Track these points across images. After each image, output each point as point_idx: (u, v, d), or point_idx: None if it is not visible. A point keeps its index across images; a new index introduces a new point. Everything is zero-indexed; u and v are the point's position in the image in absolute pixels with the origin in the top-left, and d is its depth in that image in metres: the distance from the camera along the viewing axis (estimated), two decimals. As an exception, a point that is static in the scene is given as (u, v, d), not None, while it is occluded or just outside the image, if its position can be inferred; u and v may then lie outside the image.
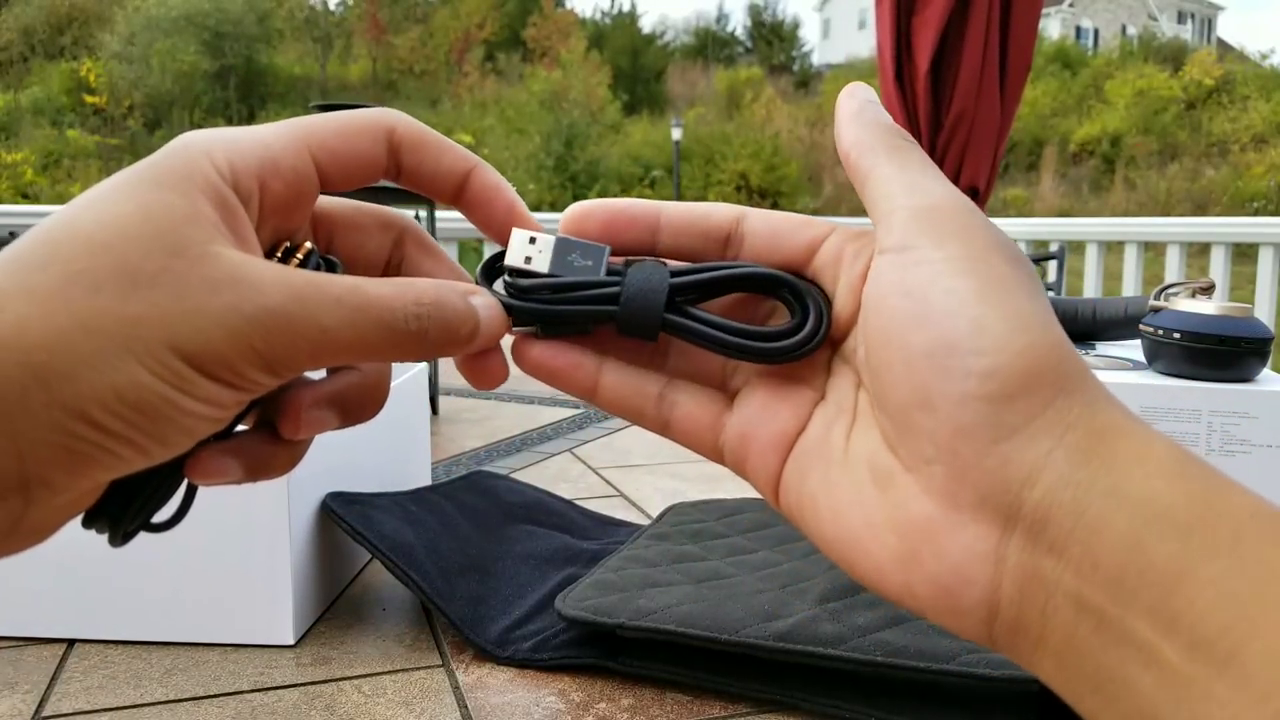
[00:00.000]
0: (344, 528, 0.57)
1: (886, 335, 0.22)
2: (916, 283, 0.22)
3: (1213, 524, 0.18)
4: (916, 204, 0.23)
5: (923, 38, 2.31)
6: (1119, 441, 0.20)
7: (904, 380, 0.22)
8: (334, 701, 0.48)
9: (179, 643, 0.54)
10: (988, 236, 0.22)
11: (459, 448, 1.01)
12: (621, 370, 0.26)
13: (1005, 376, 0.20)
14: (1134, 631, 0.18)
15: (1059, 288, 2.38)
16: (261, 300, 0.21)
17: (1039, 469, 0.20)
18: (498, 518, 0.67)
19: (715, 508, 0.68)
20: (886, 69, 2.40)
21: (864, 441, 0.24)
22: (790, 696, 0.47)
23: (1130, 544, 0.18)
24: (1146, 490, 0.19)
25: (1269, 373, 0.66)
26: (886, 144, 0.25)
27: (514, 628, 0.54)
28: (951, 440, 0.21)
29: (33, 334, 0.20)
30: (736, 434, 0.26)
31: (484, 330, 0.24)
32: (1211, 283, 0.71)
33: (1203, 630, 0.17)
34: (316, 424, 0.25)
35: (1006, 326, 0.21)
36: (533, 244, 0.26)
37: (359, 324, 0.22)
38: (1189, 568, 0.18)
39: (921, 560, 0.21)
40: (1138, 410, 0.66)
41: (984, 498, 0.20)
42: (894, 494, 0.22)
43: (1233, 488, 0.19)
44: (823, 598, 0.50)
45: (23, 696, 0.48)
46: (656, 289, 0.25)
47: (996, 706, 0.45)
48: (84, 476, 0.21)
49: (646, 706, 0.48)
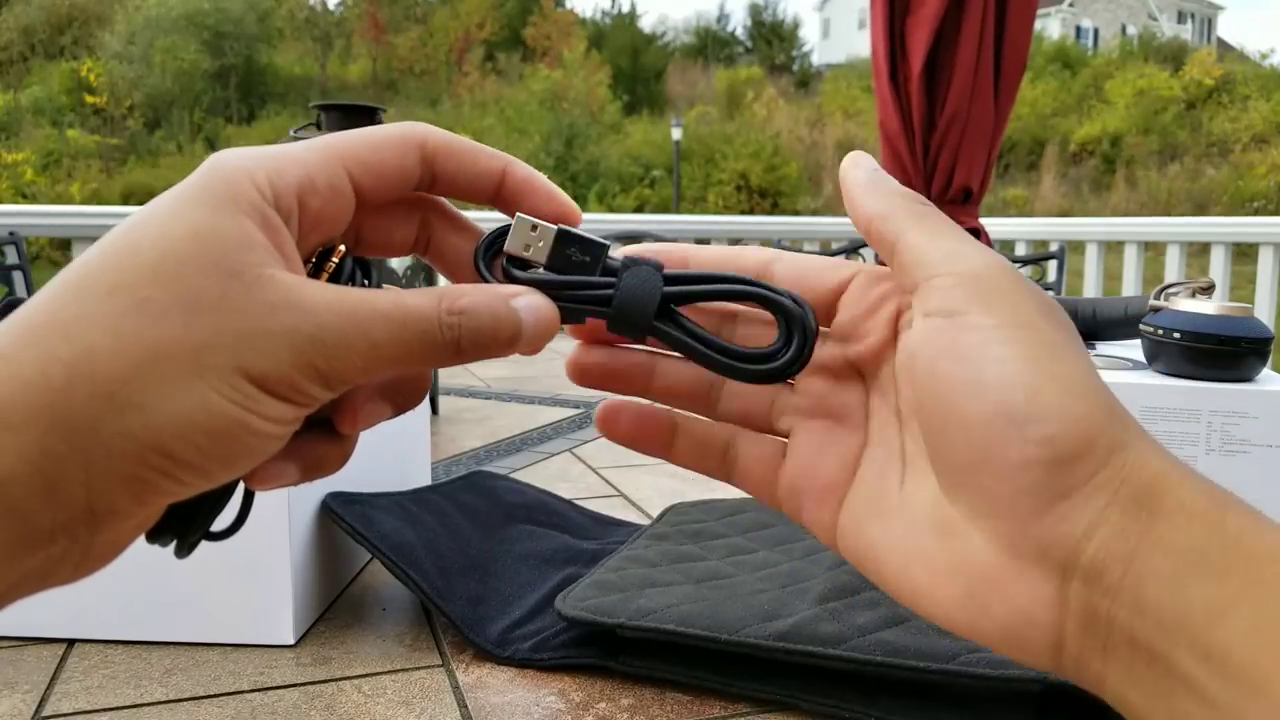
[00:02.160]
0: (344, 528, 0.57)
1: (940, 401, 0.23)
2: (969, 349, 0.23)
3: (1243, 567, 0.20)
4: (959, 270, 0.24)
5: (917, 37, 2.31)
6: (1165, 492, 0.21)
7: (962, 444, 0.22)
8: (334, 701, 0.48)
9: (179, 643, 0.54)
10: (1033, 301, 0.23)
11: (459, 448, 1.01)
12: (692, 428, 0.28)
13: (1063, 443, 0.21)
14: (1179, 665, 0.20)
15: (1059, 288, 2.38)
16: (319, 320, 0.22)
17: (1096, 525, 0.21)
18: (498, 518, 0.67)
19: (715, 508, 0.68)
20: (880, 68, 2.40)
21: (920, 491, 0.25)
22: (790, 696, 0.47)
23: (1172, 588, 0.20)
24: (1187, 539, 0.20)
25: (1269, 373, 0.66)
26: (909, 211, 0.25)
27: (514, 628, 0.54)
28: (1012, 499, 0.22)
29: (103, 364, 0.20)
30: (788, 488, 0.27)
31: (528, 332, 0.25)
32: (1211, 283, 0.71)
33: (1235, 662, 0.19)
34: (373, 416, 0.26)
35: (1061, 395, 0.22)
36: (534, 232, 0.26)
37: (404, 337, 0.23)
38: (1224, 606, 0.19)
39: (987, 605, 0.22)
40: (1138, 411, 0.66)
41: (1044, 551, 0.21)
42: (956, 543, 0.23)
43: (1264, 529, 0.21)
44: (823, 598, 0.50)
45: (23, 696, 0.48)
46: (649, 294, 0.25)
47: (996, 706, 0.45)
48: (150, 504, 0.22)
49: (646, 706, 0.48)
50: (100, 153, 24.79)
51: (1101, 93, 27.18)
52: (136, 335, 0.21)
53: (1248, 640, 0.19)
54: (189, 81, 27.65)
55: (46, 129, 25.01)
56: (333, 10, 33.72)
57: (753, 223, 4.03)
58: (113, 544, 0.22)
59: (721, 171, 23.96)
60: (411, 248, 0.28)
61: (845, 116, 26.46)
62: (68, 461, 0.20)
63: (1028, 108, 25.45)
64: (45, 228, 3.10)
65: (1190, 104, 26.49)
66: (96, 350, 0.20)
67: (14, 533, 0.20)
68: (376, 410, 0.26)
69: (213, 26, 27.96)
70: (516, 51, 32.93)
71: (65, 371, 0.20)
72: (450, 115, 27.21)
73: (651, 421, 0.28)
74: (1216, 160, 24.59)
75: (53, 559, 0.21)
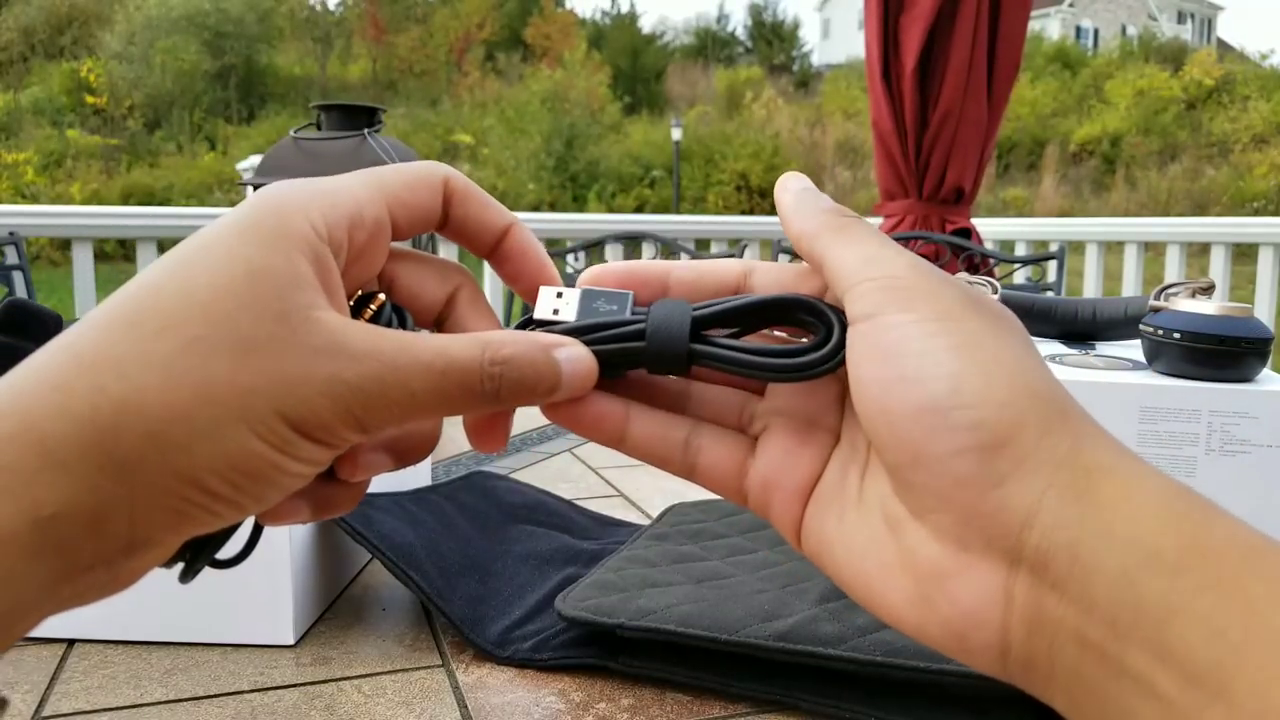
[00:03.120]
0: (344, 528, 0.57)
1: (868, 402, 0.23)
2: (889, 347, 0.23)
3: (1199, 561, 0.19)
4: (875, 274, 0.24)
5: (910, 36, 2.31)
6: (1105, 481, 0.21)
7: (892, 442, 0.22)
8: (334, 701, 0.48)
9: (179, 643, 0.54)
10: (952, 295, 0.23)
11: (459, 448, 1.01)
12: (648, 417, 0.27)
13: (992, 426, 0.21)
14: (1132, 666, 0.19)
15: (1059, 288, 2.38)
16: (360, 369, 0.22)
17: (1034, 511, 0.21)
18: (498, 518, 0.67)
19: (715, 508, 0.68)
20: (873, 67, 2.40)
21: (876, 486, 0.25)
22: (790, 696, 0.47)
23: (1123, 583, 0.19)
24: (1134, 530, 0.20)
25: (1269, 373, 0.66)
26: (831, 225, 0.25)
27: (514, 628, 0.54)
28: (950, 491, 0.21)
29: (153, 403, 0.21)
30: (759, 481, 0.27)
31: (567, 383, 0.25)
32: (1211, 283, 0.71)
33: (1194, 664, 0.18)
34: (374, 467, 0.26)
35: (984, 380, 0.22)
36: (559, 298, 0.27)
37: (444, 386, 0.23)
38: (1179, 605, 0.19)
39: (934, 604, 0.22)
40: (1137, 411, 0.66)
41: (989, 541, 0.21)
42: (905, 538, 0.23)
43: (1218, 520, 0.20)
44: (823, 598, 0.50)
45: (23, 696, 0.48)
46: (680, 321, 0.26)
47: (996, 706, 0.45)
48: (183, 535, 0.23)
49: (646, 706, 0.48)
50: (100, 153, 24.79)
51: (1101, 93, 27.19)
52: (186, 375, 0.21)
53: (1207, 641, 0.18)
54: (189, 82, 27.65)
55: (46, 129, 25.01)
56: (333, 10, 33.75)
57: (752, 223, 4.03)
58: (140, 570, 0.23)
59: (721, 172, 23.98)
60: (433, 315, 0.28)
61: (845, 117, 26.44)
62: (115, 499, 0.21)
63: (1028, 108, 25.45)
64: (45, 228, 3.10)
65: (1190, 104, 26.51)
66: (147, 390, 0.21)
67: (60, 566, 0.21)
68: (377, 461, 0.26)
69: (213, 27, 27.97)
70: (516, 51, 32.94)
71: (114, 409, 0.20)
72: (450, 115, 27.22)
73: (598, 406, 0.27)
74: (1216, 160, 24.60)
75: (87, 586, 0.22)
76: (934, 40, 2.29)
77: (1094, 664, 0.20)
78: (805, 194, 0.27)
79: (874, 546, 0.24)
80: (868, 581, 0.24)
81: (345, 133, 1.05)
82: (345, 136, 1.04)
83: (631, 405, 0.27)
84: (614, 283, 0.27)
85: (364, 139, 1.04)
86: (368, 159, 1.02)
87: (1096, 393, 0.65)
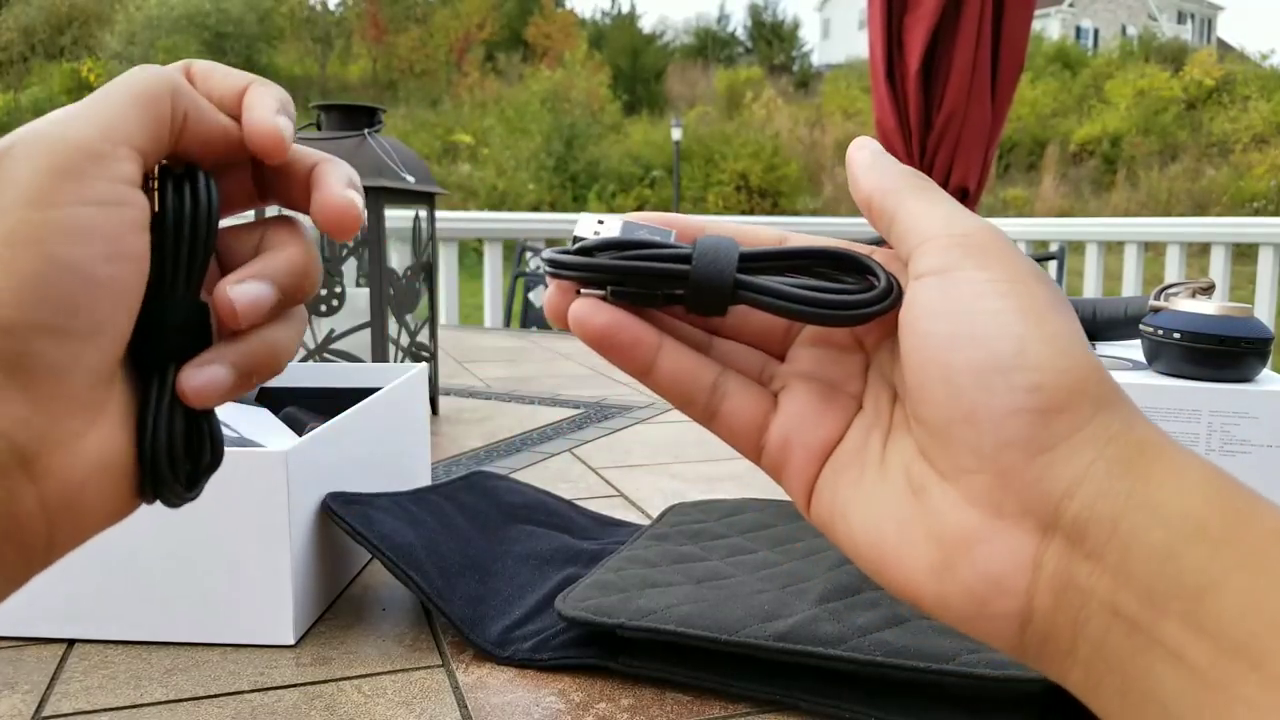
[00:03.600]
0: (344, 528, 0.57)
1: (926, 354, 0.23)
2: (960, 302, 0.23)
3: (1242, 539, 0.19)
4: (954, 231, 0.24)
5: (914, 36, 2.31)
6: (1156, 457, 0.21)
7: (945, 396, 0.22)
8: (334, 701, 0.48)
9: (179, 643, 0.54)
10: (1025, 263, 0.23)
11: (459, 448, 1.01)
12: (680, 353, 0.26)
13: (1051, 391, 0.21)
14: (1165, 636, 0.19)
15: (1059, 288, 2.38)
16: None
17: (1079, 481, 0.21)
18: (498, 518, 0.67)
19: (715, 508, 0.68)
20: (877, 68, 2.40)
21: (900, 451, 0.24)
22: (790, 696, 0.47)
23: (1164, 555, 0.19)
24: (1181, 505, 0.20)
25: (1269, 373, 0.66)
26: (910, 184, 0.26)
27: (514, 628, 0.54)
28: (996, 452, 0.21)
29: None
30: (779, 438, 0.26)
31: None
32: (1211, 283, 0.71)
33: (1232, 635, 0.18)
34: (252, 297, 0.25)
35: (1049, 347, 0.22)
36: (601, 224, 0.26)
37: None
38: (1219, 578, 0.18)
39: (956, 569, 0.22)
40: (1138, 410, 0.66)
41: (1027, 506, 0.21)
42: (931, 502, 0.23)
43: (1260, 503, 0.20)
44: (823, 598, 0.50)
45: (23, 696, 0.48)
46: (728, 254, 0.25)
47: (996, 706, 0.45)
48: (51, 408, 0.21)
49: (646, 706, 0.48)
50: (100, 153, 24.69)
51: (1101, 93, 27.17)
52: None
53: (1245, 614, 0.18)
54: (189, 82, 27.59)
55: (46, 129, 24.97)
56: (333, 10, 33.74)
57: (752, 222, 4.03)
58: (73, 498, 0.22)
59: (721, 172, 23.96)
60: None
61: (845, 117, 26.45)
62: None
63: (1028, 108, 25.43)
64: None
65: (1190, 104, 26.49)
66: None
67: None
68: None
69: (213, 27, 27.96)
70: (516, 51, 32.94)
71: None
72: (450, 115, 27.21)
73: (633, 329, 0.26)
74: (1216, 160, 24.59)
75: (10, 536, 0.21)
76: (937, 41, 2.29)
77: (1123, 635, 0.19)
78: (882, 155, 0.27)
79: (893, 511, 0.24)
80: (883, 548, 0.24)
81: (345, 133, 1.05)
82: (345, 137, 1.04)
83: (665, 337, 0.26)
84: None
85: (364, 139, 1.04)
86: (368, 159, 1.02)
87: (1096, 393, 0.65)
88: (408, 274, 1.09)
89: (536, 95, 26.54)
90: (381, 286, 1.04)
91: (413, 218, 1.11)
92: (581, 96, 26.95)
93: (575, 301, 0.26)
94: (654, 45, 36.80)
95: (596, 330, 0.25)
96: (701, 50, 39.21)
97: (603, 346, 0.26)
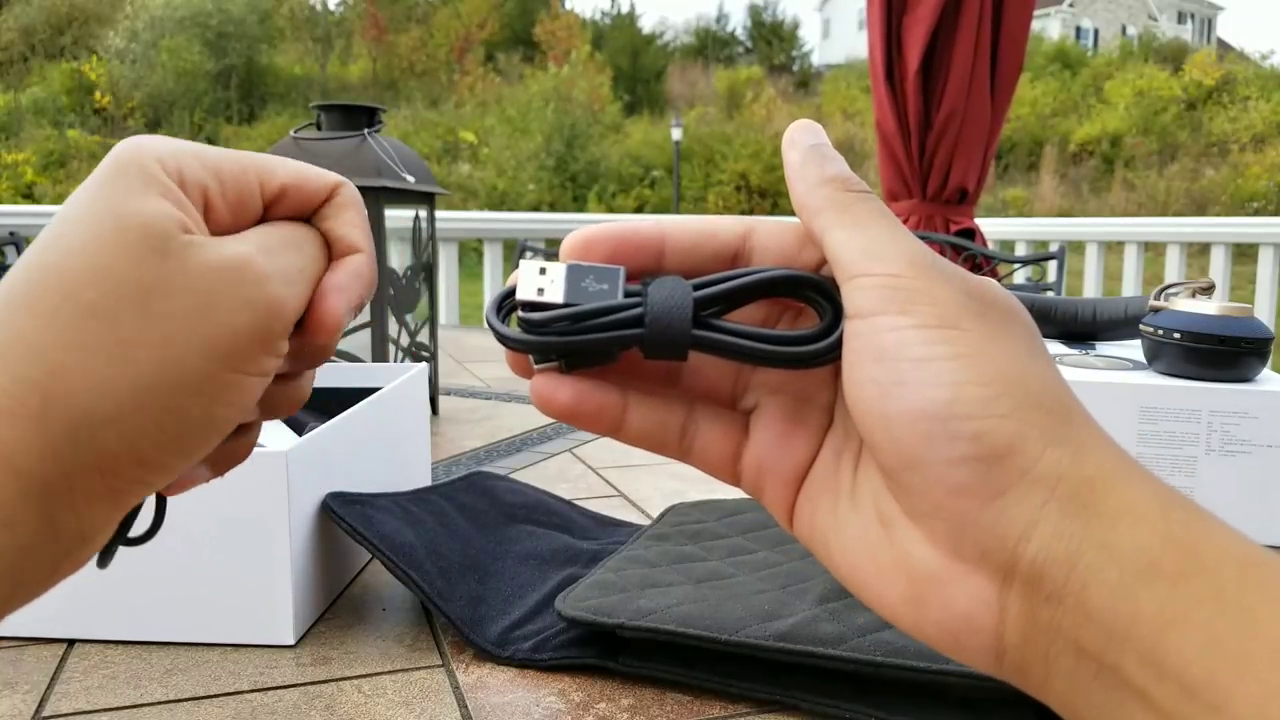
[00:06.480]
0: (344, 528, 0.57)
1: (865, 405, 0.22)
2: (885, 350, 0.22)
3: (1198, 571, 0.19)
4: (876, 270, 0.22)
5: (913, 36, 2.31)
6: (1109, 492, 0.20)
7: (888, 444, 0.22)
8: (334, 701, 0.48)
9: (179, 643, 0.54)
10: (955, 297, 0.22)
11: (459, 448, 1.01)
12: (646, 405, 0.26)
13: (991, 438, 0.21)
14: (1129, 676, 0.19)
15: (1059, 288, 2.38)
16: (257, 270, 0.22)
17: (1033, 523, 0.20)
18: (498, 518, 0.67)
19: (715, 508, 0.68)
20: (877, 68, 2.40)
21: (869, 480, 0.24)
22: (790, 696, 0.47)
23: (1120, 594, 0.19)
24: (1135, 541, 0.19)
25: (1269, 373, 0.66)
26: (834, 203, 0.24)
27: (514, 628, 0.54)
28: (946, 499, 0.21)
29: (75, 381, 0.20)
30: (753, 467, 0.26)
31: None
32: (1211, 283, 0.71)
33: (1192, 676, 0.18)
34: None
35: (986, 390, 0.21)
36: (543, 274, 0.24)
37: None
38: (1177, 616, 0.18)
39: (928, 606, 0.22)
40: (1137, 411, 0.66)
41: (983, 551, 0.21)
42: (898, 537, 0.23)
43: (1215, 531, 0.20)
44: (823, 598, 0.50)
45: (23, 696, 0.48)
46: (681, 305, 0.24)
47: (996, 706, 0.45)
48: (122, 510, 0.22)
49: (646, 706, 0.48)
50: (101, 153, 24.72)
51: (1101, 93, 27.17)
52: (98, 341, 0.20)
53: (1204, 653, 0.18)
54: (190, 82, 27.63)
55: (47, 129, 24.98)
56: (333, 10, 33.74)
57: (753, 223, 4.01)
58: (82, 561, 0.23)
59: (721, 172, 23.96)
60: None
61: (845, 117, 26.44)
62: (61, 495, 0.20)
63: (1028, 108, 25.43)
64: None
65: (1190, 104, 26.48)
66: (66, 368, 0.20)
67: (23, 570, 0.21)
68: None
69: (215, 27, 27.95)
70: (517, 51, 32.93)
71: (41, 398, 0.20)
72: (451, 115, 27.21)
73: (594, 397, 0.25)
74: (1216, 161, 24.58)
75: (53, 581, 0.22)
76: (937, 41, 2.29)
77: (1090, 673, 0.19)
78: (812, 155, 0.25)
79: (867, 542, 0.23)
80: (862, 575, 0.24)
81: (345, 133, 1.05)
82: (345, 137, 1.04)
83: (629, 394, 0.26)
84: (605, 249, 0.25)
85: (364, 139, 1.04)
86: (368, 159, 1.02)
87: (1096, 393, 0.65)
88: (408, 274, 1.09)
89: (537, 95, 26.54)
90: (381, 286, 1.04)
91: (413, 218, 1.11)
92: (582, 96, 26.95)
93: (534, 379, 0.25)
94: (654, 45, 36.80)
95: (561, 409, 0.25)
96: (701, 50, 39.21)
97: (569, 420, 0.26)
